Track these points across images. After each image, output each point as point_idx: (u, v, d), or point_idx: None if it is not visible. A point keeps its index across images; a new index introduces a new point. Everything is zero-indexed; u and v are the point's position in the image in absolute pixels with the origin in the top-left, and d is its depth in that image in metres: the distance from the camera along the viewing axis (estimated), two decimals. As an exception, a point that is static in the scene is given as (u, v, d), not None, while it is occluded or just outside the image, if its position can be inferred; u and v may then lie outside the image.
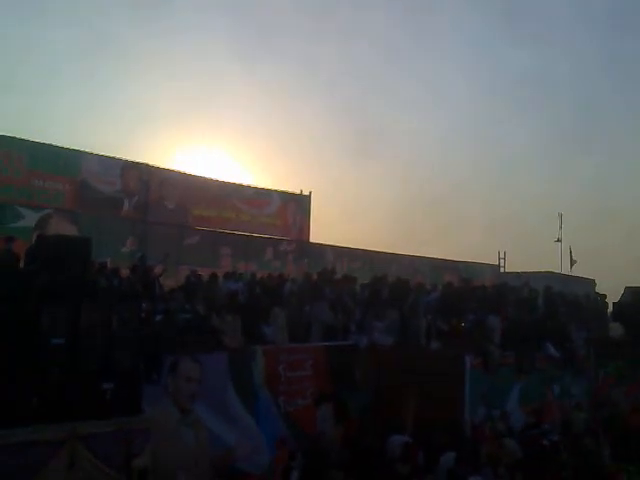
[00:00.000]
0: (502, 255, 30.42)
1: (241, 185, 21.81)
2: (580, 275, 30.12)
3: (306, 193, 23.87)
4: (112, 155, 18.22)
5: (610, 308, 18.38)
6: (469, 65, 52.42)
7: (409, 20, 52.09)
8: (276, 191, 22.90)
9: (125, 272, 11.70)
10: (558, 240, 32.42)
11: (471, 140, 53.93)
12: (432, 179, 51.45)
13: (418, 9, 51.41)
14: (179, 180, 19.58)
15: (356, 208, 44.98)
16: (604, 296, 19.15)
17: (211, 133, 44.83)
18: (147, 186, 18.73)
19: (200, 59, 44.82)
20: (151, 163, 19.30)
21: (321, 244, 22.82)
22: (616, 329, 17.84)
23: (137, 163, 18.80)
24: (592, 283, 27.74)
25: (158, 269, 12.06)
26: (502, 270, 29.84)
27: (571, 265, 27.99)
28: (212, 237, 19.06)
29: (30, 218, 14.66)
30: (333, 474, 8.21)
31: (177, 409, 4.66)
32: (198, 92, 47.02)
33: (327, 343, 11.70)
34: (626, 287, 30.90)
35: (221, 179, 21.35)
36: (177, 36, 43.55)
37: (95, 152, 17.72)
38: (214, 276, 12.42)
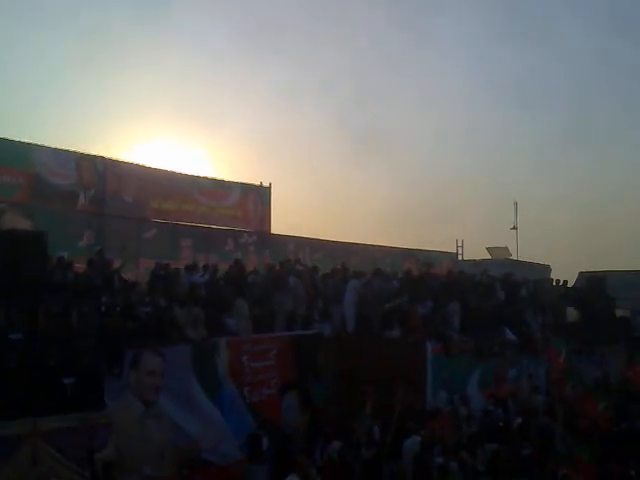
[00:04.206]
0: (460, 243, 30.92)
1: (200, 177, 21.57)
2: (535, 261, 30.86)
3: (266, 184, 23.78)
4: (67, 148, 17.82)
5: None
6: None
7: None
8: (236, 183, 22.73)
9: (82, 266, 11.50)
10: (514, 227, 33.11)
11: (430, 130, 54.60)
12: (393, 170, 51.89)
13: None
14: (137, 172, 19.24)
15: (318, 199, 45.14)
16: (564, 282, 19.70)
17: (169, 124, 44.19)
18: (104, 179, 18.36)
19: (158, 48, 44.09)
20: (107, 156, 18.95)
21: (282, 235, 22.78)
22: (571, 313, 18.40)
23: (93, 156, 18.39)
24: (547, 269, 28.47)
25: (117, 263, 11.89)
26: (460, 258, 30.31)
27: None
28: (171, 230, 18.83)
29: (-17, 213, 14.24)
30: (301, 460, 8.28)
31: (140, 402, 4.63)
32: (156, 82, 46.26)
33: (290, 333, 11.75)
34: (580, 273, 31.87)
35: (180, 171, 21.09)
36: (133, 24, 42.69)
37: (49, 145, 17.30)
38: (175, 269, 12.32)
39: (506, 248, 30.64)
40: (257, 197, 23.30)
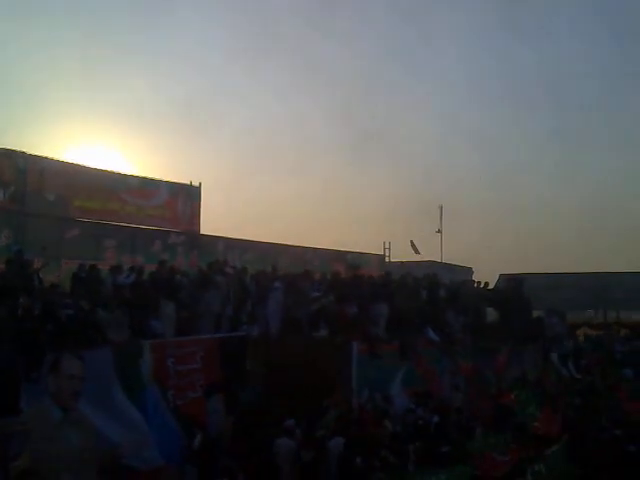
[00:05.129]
0: (387, 245, 31.57)
1: (126, 175, 21.08)
2: (459, 264, 31.90)
3: (196, 184, 23.49)
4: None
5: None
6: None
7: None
8: (164, 181, 22.35)
9: (0, 266, 11.08)
10: (439, 231, 34.10)
11: (348, 130, 55.65)
12: (322, 173, 52.43)
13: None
14: (59, 169, 18.63)
15: (248, 200, 45.00)
16: (485, 283, 20.44)
17: (96, 122, 42.96)
18: (24, 175, 17.68)
19: (82, 44, 42.81)
20: (29, 152, 18.23)
21: (212, 236, 22.58)
22: (491, 314, 19.08)
23: (12, 151, 17.69)
24: (470, 271, 29.47)
25: (37, 263, 11.52)
26: (387, 260, 30.94)
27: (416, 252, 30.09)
28: (95, 229, 18.35)
29: None
30: (225, 463, 8.29)
31: (59, 408, 4.54)
32: (81, 79, 44.90)
33: (217, 335, 11.70)
34: (500, 274, 33.09)
35: (105, 168, 20.55)
36: (63, 16, 41.24)
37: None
38: (98, 270, 12.04)
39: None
40: (186, 197, 23.01)
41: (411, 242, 29.67)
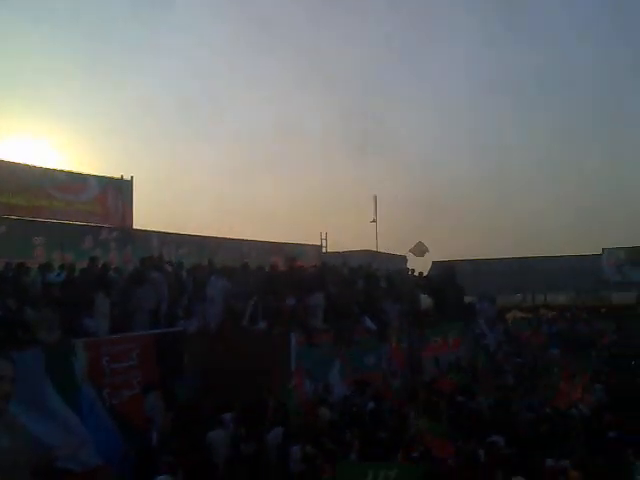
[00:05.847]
0: (324, 236, 31.71)
1: (53, 169, 20.26)
2: (392, 252, 32.47)
3: (127, 178, 22.86)
4: None
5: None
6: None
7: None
8: (93, 176, 21.63)
9: None
10: (373, 221, 34.55)
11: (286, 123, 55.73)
12: (259, 162, 52.23)
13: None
14: (-20, 165, 17.80)
15: (182, 193, 44.37)
16: (419, 273, 20.96)
17: (20, 114, 41.22)
18: (-59, 172, 16.82)
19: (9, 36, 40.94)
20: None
21: (146, 230, 22.08)
22: (425, 301, 19.61)
23: None
24: (404, 259, 29.99)
25: (-40, 263, 11.02)
26: (324, 250, 31.10)
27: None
28: (22, 226, 17.63)
29: None
30: (165, 459, 8.23)
31: (-12, 411, 4.43)
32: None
33: (153, 331, 11.53)
34: (433, 262, 33.88)
35: (29, 163, 19.71)
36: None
37: None
38: (26, 268, 11.62)
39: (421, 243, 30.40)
40: (117, 191, 22.37)
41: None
